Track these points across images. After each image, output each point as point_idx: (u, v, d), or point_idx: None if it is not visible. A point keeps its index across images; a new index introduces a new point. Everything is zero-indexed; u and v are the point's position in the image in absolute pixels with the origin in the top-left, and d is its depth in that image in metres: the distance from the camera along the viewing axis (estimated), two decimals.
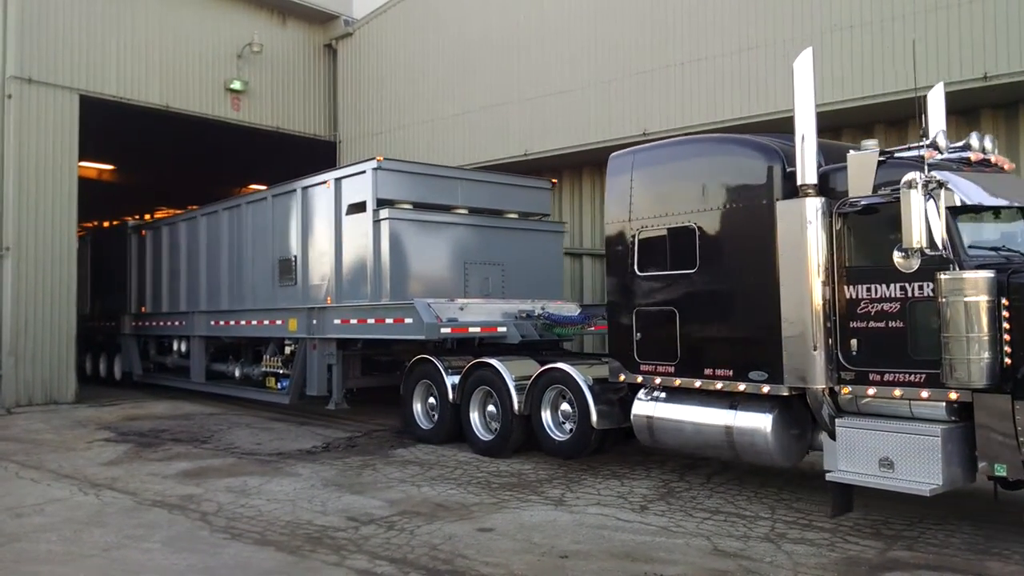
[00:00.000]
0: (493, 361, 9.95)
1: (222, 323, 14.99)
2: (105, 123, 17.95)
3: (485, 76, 17.13)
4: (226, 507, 7.59)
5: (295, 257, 13.06)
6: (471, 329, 10.71)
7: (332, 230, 12.19)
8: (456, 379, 10.32)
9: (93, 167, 25.07)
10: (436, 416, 10.71)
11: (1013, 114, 11.47)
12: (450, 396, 10.31)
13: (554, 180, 13.19)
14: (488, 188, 12.55)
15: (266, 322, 13.58)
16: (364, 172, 11.55)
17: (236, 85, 18.71)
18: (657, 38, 14.23)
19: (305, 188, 12.92)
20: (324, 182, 12.45)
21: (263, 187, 15.40)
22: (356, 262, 11.80)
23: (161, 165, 25.20)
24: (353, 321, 11.58)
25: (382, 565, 5.86)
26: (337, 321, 11.89)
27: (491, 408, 10.00)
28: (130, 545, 6.45)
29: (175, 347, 17.09)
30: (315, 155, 19.73)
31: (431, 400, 10.82)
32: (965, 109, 11.53)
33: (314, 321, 12.34)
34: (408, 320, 10.59)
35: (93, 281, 20.28)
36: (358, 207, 11.67)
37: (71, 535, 6.73)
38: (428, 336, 10.35)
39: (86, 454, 10.42)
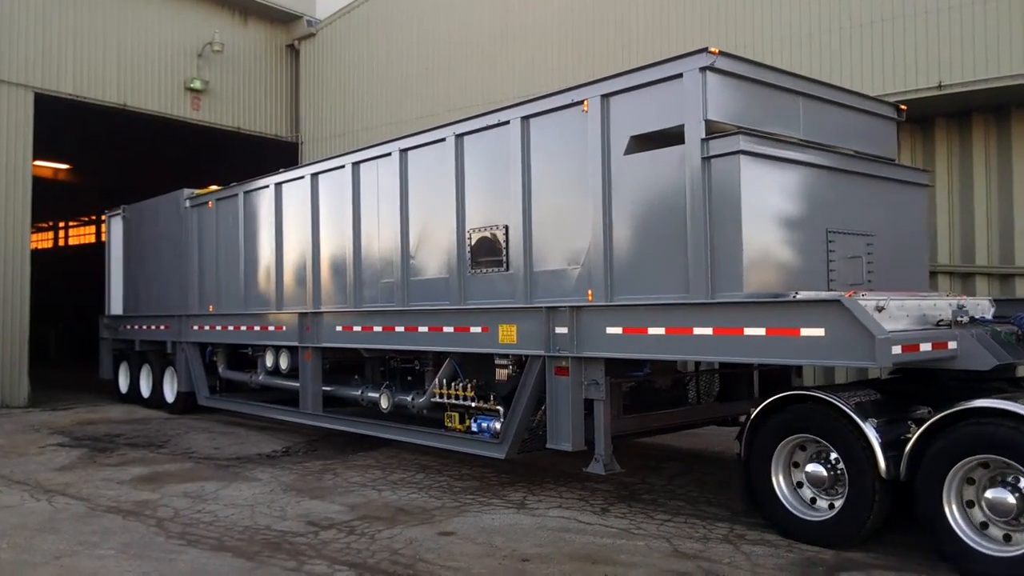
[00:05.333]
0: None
1: (357, 328, 10.24)
2: (61, 121, 17.62)
3: (451, 78, 17.10)
4: (182, 513, 7.47)
5: (504, 228, 8.38)
6: (922, 347, 6.14)
7: (593, 180, 7.54)
8: (890, 436, 5.94)
9: (48, 166, 24.64)
10: (837, 502, 6.24)
11: (966, 123, 11.73)
12: (881, 467, 5.84)
13: (903, 106, 9.06)
14: (831, 112, 7.97)
15: (448, 329, 8.94)
16: (679, 78, 6.90)
17: (196, 84, 18.47)
18: None
19: (528, 118, 8.18)
20: (576, 103, 7.73)
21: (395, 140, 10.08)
22: (651, 231, 7.19)
23: (118, 165, 24.84)
24: (655, 331, 7.00)
25: (342, 570, 5.81)
26: (615, 330, 7.33)
27: (1001, 496, 5.42)
28: (83, 552, 6.31)
29: (268, 361, 12.08)
30: (277, 156, 19.55)
31: (812, 469, 6.35)
32: (920, 117, 11.78)
33: (559, 329, 7.74)
34: (817, 332, 6.01)
35: (129, 271, 16.14)
36: (660, 138, 7.15)
37: (22, 542, 6.58)
38: (881, 362, 5.74)
39: (38, 459, 10.19)
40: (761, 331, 6.32)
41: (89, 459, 10.22)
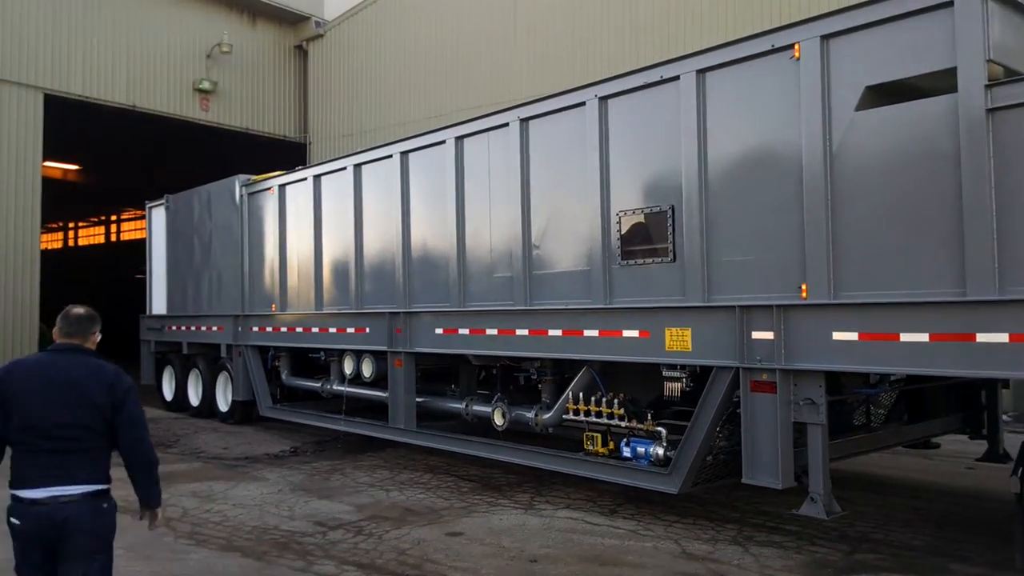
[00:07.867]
0: None
1: (463, 331, 8.67)
2: (70, 122, 17.71)
3: (457, 79, 17.12)
4: (191, 512, 7.48)
5: (670, 210, 6.84)
6: None
7: (809, 143, 5.97)
8: None
9: (58, 167, 24.76)
10: None
11: None
12: None
13: None
14: None
15: (590, 332, 7.41)
16: (947, 6, 5.33)
17: (205, 85, 18.57)
18: None
19: (705, 71, 6.64)
20: (781, 48, 6.18)
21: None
22: (900, 206, 5.59)
23: (127, 166, 24.94)
24: (913, 337, 5.47)
25: (349, 570, 5.81)
26: (846, 336, 5.78)
27: None
28: None
29: (347, 368, 10.48)
30: (285, 156, 19.60)
31: None
32: None
33: (758, 334, 6.26)
34: None
35: (174, 267, 14.39)
36: (910, 88, 5.67)
37: None
38: None
39: None
40: None
41: None
